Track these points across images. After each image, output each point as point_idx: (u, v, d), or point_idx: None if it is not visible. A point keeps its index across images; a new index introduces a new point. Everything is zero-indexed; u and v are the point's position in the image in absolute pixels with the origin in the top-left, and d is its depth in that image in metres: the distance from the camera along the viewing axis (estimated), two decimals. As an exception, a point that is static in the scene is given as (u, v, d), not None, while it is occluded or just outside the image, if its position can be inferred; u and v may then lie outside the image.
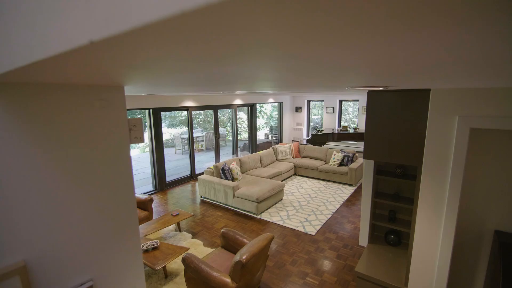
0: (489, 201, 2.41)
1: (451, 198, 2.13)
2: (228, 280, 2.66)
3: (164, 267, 3.34)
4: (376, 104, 2.42)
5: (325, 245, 4.17)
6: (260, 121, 14.30)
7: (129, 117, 1.18)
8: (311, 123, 13.16)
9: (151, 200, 4.74)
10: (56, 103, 0.97)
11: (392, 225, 2.99)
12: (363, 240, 3.27)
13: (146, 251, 3.41)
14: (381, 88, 1.36)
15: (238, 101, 8.93)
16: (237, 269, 2.61)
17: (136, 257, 1.24)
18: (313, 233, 4.53)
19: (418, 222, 2.34)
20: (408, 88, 2.22)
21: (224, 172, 5.88)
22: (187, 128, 7.53)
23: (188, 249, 3.50)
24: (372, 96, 2.42)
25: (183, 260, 2.93)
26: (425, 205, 2.28)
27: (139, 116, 9.50)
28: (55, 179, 0.97)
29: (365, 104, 10.89)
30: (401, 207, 3.09)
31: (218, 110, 8.55)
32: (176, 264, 3.63)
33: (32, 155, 0.91)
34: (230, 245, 3.37)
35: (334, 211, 5.41)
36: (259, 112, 14.90)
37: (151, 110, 6.41)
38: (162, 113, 6.77)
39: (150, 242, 3.48)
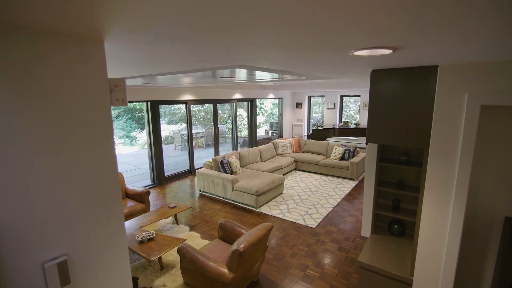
0: (499, 186, 2.29)
1: (460, 182, 2.01)
2: (225, 270, 2.55)
3: (159, 259, 3.23)
4: (380, 84, 2.30)
5: (326, 238, 4.06)
6: (260, 119, 14.19)
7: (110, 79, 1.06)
8: (311, 120, 13.04)
9: (148, 193, 4.63)
10: (25, 51, 0.85)
11: (396, 215, 2.87)
12: (366, 230, 3.15)
13: (141, 242, 3.30)
14: (388, 52, 1.25)
15: (237, 96, 8.82)
16: (234, 259, 2.50)
17: (118, 233, 1.13)
18: (314, 226, 4.41)
19: (425, 209, 2.23)
20: (415, 66, 2.10)
21: (223, 165, 5.77)
22: (186, 124, 7.42)
23: (184, 240, 3.39)
24: (376, 76, 2.30)
25: (179, 250, 2.82)
26: (432, 191, 2.16)
27: (140, 112, 9.48)
28: (25, 139, 0.86)
29: (366, 100, 10.76)
30: (405, 196, 2.98)
31: (218, 105, 8.43)
32: (172, 256, 3.52)
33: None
34: (228, 236, 3.26)
35: (335, 204, 5.29)
36: (259, 110, 14.79)
37: (149, 103, 6.30)
38: (161, 110, 6.67)
39: (146, 233, 3.37)
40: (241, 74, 2.96)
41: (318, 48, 1.24)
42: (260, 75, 3.05)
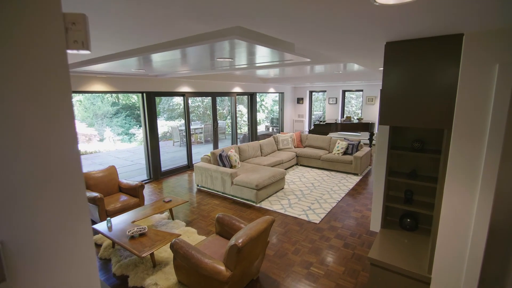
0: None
1: (488, 168, 1.77)
2: (222, 267, 2.30)
3: (152, 255, 2.99)
4: (396, 59, 2.05)
5: (330, 234, 3.82)
6: (260, 115, 13.93)
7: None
8: (313, 116, 12.79)
9: (142, 187, 4.39)
10: None
11: (409, 207, 2.62)
12: (375, 225, 2.91)
13: (132, 237, 3.06)
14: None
15: (237, 89, 8.56)
16: (232, 254, 2.26)
17: (79, 220, 0.88)
18: (317, 222, 4.17)
19: (446, 201, 1.98)
20: (436, 35, 1.85)
21: (221, 159, 5.52)
22: (184, 119, 7.16)
23: (179, 235, 3.15)
24: (391, 49, 2.05)
25: (172, 246, 2.58)
26: (455, 180, 1.91)
27: (139, 110, 9.29)
28: None
29: (369, 94, 10.52)
30: (419, 187, 2.73)
31: (217, 101, 8.19)
32: (166, 252, 3.28)
33: None
34: (226, 231, 3.02)
35: (339, 199, 5.05)
36: (260, 106, 14.53)
37: (144, 94, 6.05)
38: (160, 106, 6.42)
39: (137, 228, 3.13)
40: (240, 53, 2.71)
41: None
42: (261, 55, 2.80)
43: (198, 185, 5.87)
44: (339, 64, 5.19)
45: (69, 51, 0.85)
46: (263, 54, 2.77)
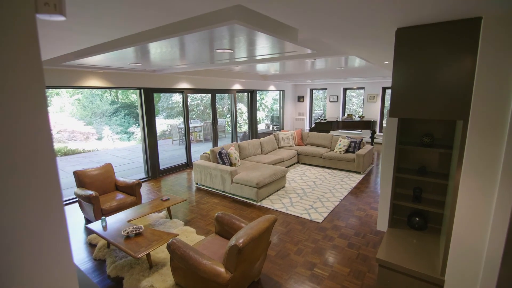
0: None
1: (508, 162, 1.63)
2: (221, 269, 2.17)
3: (148, 256, 2.85)
4: (407, 46, 1.92)
5: (334, 233, 3.69)
6: (260, 114, 13.79)
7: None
8: (313, 114, 12.65)
9: (139, 185, 4.26)
10: None
11: (418, 205, 2.49)
12: (382, 224, 2.78)
13: (127, 237, 2.93)
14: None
15: (237, 86, 8.42)
16: (232, 255, 2.13)
17: (51, 210, 0.75)
18: (320, 221, 4.04)
19: (461, 198, 1.85)
20: (451, 19, 1.71)
21: (221, 157, 5.39)
22: (183, 116, 7.02)
23: (176, 235, 3.02)
24: (402, 36, 1.92)
25: (168, 246, 2.45)
26: (471, 175, 1.78)
27: (135, 101, 9.13)
28: None
29: (370, 92, 10.38)
30: (428, 184, 2.60)
31: (217, 99, 8.06)
32: (163, 253, 3.15)
33: None
34: (226, 230, 2.89)
35: (342, 198, 4.92)
36: (260, 105, 14.39)
37: (142, 91, 5.91)
38: (159, 104, 6.29)
39: (133, 227, 3.00)
40: (240, 43, 2.57)
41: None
42: (262, 45, 2.66)
43: (197, 184, 5.74)
44: (340, 58, 5.06)
45: (39, 16, 0.72)
46: (264, 44, 2.63)
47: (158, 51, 3.13)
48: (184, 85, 6.75)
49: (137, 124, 13.46)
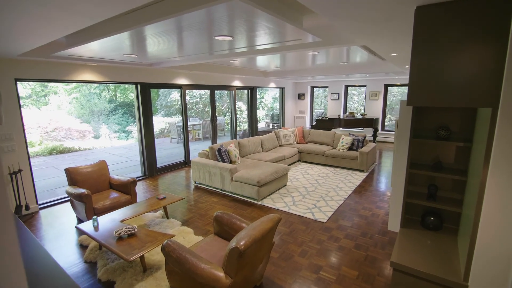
0: None
1: (545, 154, 1.44)
2: (221, 274, 1.98)
3: (142, 258, 2.66)
4: (428, 26, 1.72)
5: (339, 234, 3.49)
6: (260, 113, 13.58)
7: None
8: (314, 113, 12.46)
9: (134, 182, 4.06)
10: None
11: (434, 204, 2.30)
12: (394, 224, 2.59)
13: (120, 238, 2.73)
14: None
15: (237, 83, 8.22)
16: (232, 259, 1.93)
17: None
18: (324, 220, 3.85)
19: (488, 196, 1.65)
20: (481, -7, 1.52)
21: (220, 154, 5.19)
22: (182, 114, 6.82)
23: (172, 236, 2.82)
24: (422, 15, 1.72)
25: (163, 249, 2.25)
26: (501, 169, 1.58)
27: (134, 100, 8.90)
28: None
29: (372, 90, 10.19)
30: (444, 180, 2.41)
31: (216, 97, 7.86)
32: (159, 255, 2.95)
33: None
34: (225, 231, 2.69)
35: (346, 197, 4.72)
36: (259, 104, 14.19)
37: (138, 86, 5.70)
38: (157, 103, 6.10)
39: (126, 227, 2.80)
40: (241, 27, 2.37)
41: None
42: (263, 31, 2.46)
43: (195, 182, 5.54)
44: (343, 53, 4.87)
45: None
46: (266, 29, 2.43)
47: (154, 40, 2.93)
48: (182, 81, 6.54)
49: (135, 123, 13.25)
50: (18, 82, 4.07)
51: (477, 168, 1.82)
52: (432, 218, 2.43)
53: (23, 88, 10.31)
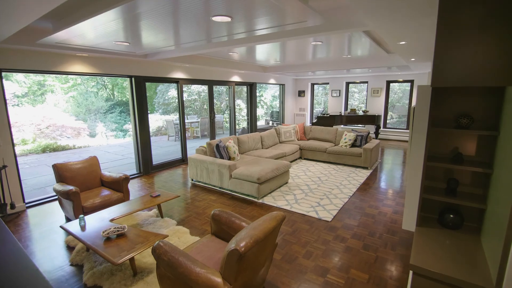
0: None
1: None
2: (218, 279, 1.74)
3: (131, 261, 2.42)
4: (455, 4, 1.49)
5: (346, 234, 3.26)
6: (259, 111, 13.35)
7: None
8: (314, 110, 12.23)
9: (127, 179, 3.81)
10: None
11: (454, 200, 2.07)
12: (409, 223, 2.37)
13: (108, 239, 2.49)
14: None
15: (236, 78, 7.98)
16: (231, 262, 1.69)
17: None
18: (329, 219, 3.62)
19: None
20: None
21: (219, 150, 4.95)
22: (178, 110, 6.57)
23: (165, 236, 2.58)
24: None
25: (153, 251, 2.01)
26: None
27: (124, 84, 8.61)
28: None
29: (374, 86, 9.97)
30: (465, 174, 2.18)
31: (215, 94, 7.61)
32: (151, 257, 2.72)
33: None
34: (224, 230, 2.46)
35: (351, 195, 4.50)
36: (258, 102, 13.96)
37: (133, 79, 5.45)
38: (155, 100, 5.87)
39: (114, 227, 2.56)
40: (238, 5, 2.13)
41: None
42: (263, 11, 2.22)
43: (192, 180, 5.30)
44: (344, 46, 4.64)
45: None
46: (267, 7, 2.19)
47: (147, 22, 2.69)
48: (179, 75, 6.30)
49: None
50: (3, 73, 3.82)
51: (508, 158, 1.59)
52: (451, 216, 2.20)
53: (19, 87, 10.03)
